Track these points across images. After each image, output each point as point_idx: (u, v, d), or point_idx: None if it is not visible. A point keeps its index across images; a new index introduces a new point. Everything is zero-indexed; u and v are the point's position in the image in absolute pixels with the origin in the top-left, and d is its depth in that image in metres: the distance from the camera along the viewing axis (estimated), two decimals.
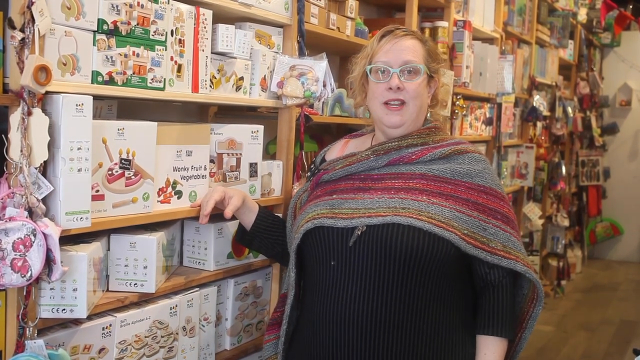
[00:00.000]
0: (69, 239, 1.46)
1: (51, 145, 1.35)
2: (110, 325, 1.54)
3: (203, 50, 1.76)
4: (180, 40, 1.68)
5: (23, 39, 1.29)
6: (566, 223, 6.17)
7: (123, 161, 1.55)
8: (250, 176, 1.99)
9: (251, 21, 2.00)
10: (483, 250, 1.57)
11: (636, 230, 7.66)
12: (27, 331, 1.35)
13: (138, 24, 1.55)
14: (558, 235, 6.12)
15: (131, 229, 1.64)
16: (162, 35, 1.62)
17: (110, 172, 1.53)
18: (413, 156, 1.65)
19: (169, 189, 1.72)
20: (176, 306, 1.73)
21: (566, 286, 6.22)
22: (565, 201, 6.48)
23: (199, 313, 1.83)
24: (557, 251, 6.15)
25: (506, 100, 4.05)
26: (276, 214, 2.02)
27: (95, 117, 1.46)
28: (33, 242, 1.30)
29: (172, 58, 1.67)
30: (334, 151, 1.84)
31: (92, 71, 1.47)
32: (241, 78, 1.93)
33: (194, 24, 1.72)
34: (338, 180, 1.72)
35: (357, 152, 1.72)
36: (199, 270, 1.91)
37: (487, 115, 3.95)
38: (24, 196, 1.31)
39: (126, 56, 1.53)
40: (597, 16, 6.85)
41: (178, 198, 1.75)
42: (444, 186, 1.60)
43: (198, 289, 1.83)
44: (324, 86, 2.06)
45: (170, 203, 1.73)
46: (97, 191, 1.50)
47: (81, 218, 1.41)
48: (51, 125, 1.35)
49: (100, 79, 1.48)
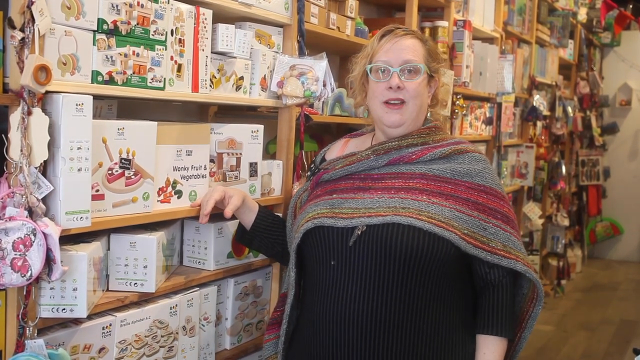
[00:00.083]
0: (69, 239, 1.46)
1: (51, 144, 1.35)
2: (110, 324, 1.54)
3: (203, 49, 1.76)
4: (180, 39, 1.68)
5: (23, 39, 1.29)
6: (566, 223, 6.17)
7: (123, 161, 1.55)
8: (250, 176, 1.99)
9: (251, 21, 2.00)
10: (483, 249, 1.57)
11: (636, 230, 7.66)
12: (27, 331, 1.35)
13: (138, 24, 1.55)
14: (558, 234, 6.12)
15: (131, 229, 1.64)
16: (162, 34, 1.62)
17: (110, 172, 1.53)
18: (413, 156, 1.65)
19: (169, 189, 1.72)
20: (176, 306, 1.73)
21: (566, 286, 6.22)
22: (565, 201, 6.47)
23: (199, 313, 1.83)
24: (557, 251, 6.15)
25: (506, 99, 4.04)
26: (276, 214, 2.02)
27: (95, 117, 1.46)
28: (33, 242, 1.30)
29: (172, 58, 1.67)
30: (334, 151, 1.84)
31: (92, 71, 1.47)
32: (241, 78, 1.93)
33: (194, 24, 1.72)
34: (338, 179, 1.72)
35: (357, 152, 1.71)
36: (199, 269, 1.91)
37: (487, 114, 3.95)
38: (24, 196, 1.31)
39: (126, 56, 1.53)
40: (597, 16, 6.85)
41: (178, 198, 1.75)
42: (444, 186, 1.60)
43: (198, 289, 1.83)
44: (324, 86, 2.06)
45: (170, 203, 1.73)
46: (97, 191, 1.50)
47: (81, 218, 1.41)
48: (51, 124, 1.35)
49: (100, 79, 1.48)
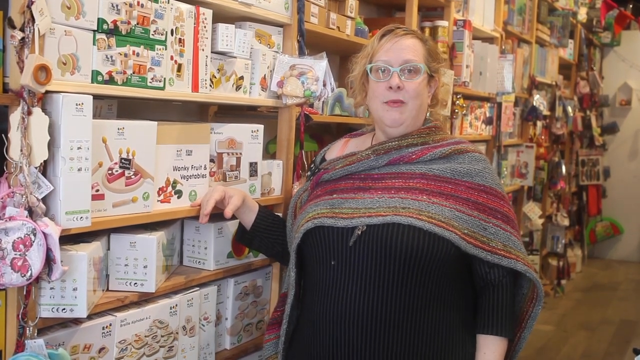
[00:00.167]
0: (69, 239, 1.46)
1: (51, 144, 1.35)
2: (110, 324, 1.54)
3: (203, 49, 1.76)
4: (180, 39, 1.68)
5: (23, 39, 1.29)
6: (566, 222, 6.17)
7: (123, 161, 1.55)
8: (250, 175, 1.99)
9: (251, 20, 2.00)
10: (483, 249, 1.57)
11: (636, 229, 7.66)
12: (27, 331, 1.35)
13: (138, 24, 1.55)
14: (558, 234, 6.12)
15: (131, 229, 1.64)
16: (162, 34, 1.62)
17: (110, 172, 1.53)
18: (413, 156, 1.65)
19: (169, 189, 1.72)
20: (176, 306, 1.73)
21: (566, 285, 6.22)
22: (565, 200, 6.47)
23: (199, 312, 1.83)
24: (557, 250, 6.15)
25: (506, 99, 4.04)
26: (276, 214, 2.02)
27: (95, 117, 1.46)
28: (33, 242, 1.30)
29: (172, 57, 1.67)
30: (334, 150, 1.84)
31: (92, 70, 1.47)
32: (241, 77, 1.93)
33: (194, 24, 1.72)
34: (338, 179, 1.72)
35: (357, 152, 1.71)
36: (199, 269, 1.91)
37: (487, 114, 3.95)
38: (24, 195, 1.31)
39: (126, 55, 1.53)
40: (597, 15, 6.85)
41: (178, 197, 1.75)
42: (444, 186, 1.60)
43: (198, 289, 1.83)
44: (324, 85, 2.06)
45: (170, 202, 1.73)
46: (97, 190, 1.50)
47: (81, 217, 1.41)
48: (51, 124, 1.35)
49: (100, 79, 1.48)
